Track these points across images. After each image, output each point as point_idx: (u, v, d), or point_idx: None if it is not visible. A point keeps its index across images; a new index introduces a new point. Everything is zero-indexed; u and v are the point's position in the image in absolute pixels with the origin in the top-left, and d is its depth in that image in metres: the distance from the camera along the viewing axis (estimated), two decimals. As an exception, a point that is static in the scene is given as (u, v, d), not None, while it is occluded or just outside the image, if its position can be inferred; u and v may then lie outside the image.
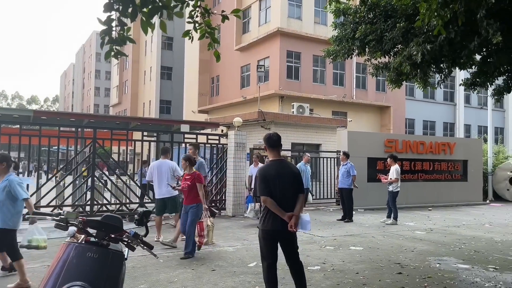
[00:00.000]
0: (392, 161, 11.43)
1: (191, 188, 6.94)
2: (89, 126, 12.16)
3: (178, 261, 6.63)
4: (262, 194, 4.17)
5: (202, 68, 31.38)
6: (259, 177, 4.27)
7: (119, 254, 2.81)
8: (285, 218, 4.09)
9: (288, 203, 4.17)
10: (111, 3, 2.53)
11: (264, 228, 4.22)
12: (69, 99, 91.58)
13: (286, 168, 4.31)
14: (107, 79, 68.19)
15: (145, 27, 2.60)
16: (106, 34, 2.65)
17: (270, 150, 4.41)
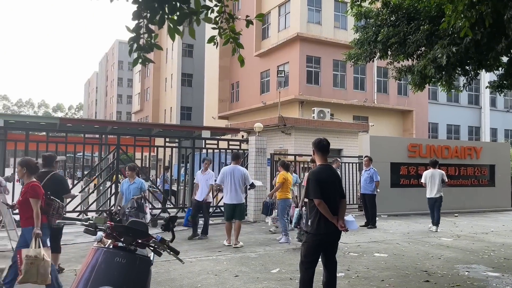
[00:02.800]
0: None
1: (23, 204, 4.81)
2: (113, 133, 12.37)
3: (201, 266, 6.64)
4: (316, 197, 4.26)
5: (222, 75, 31.61)
6: (312, 181, 4.36)
7: (146, 259, 2.83)
8: (333, 221, 4.23)
9: (334, 207, 4.32)
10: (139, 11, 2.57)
11: (319, 232, 4.27)
12: (93, 106, 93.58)
13: (333, 173, 4.50)
14: (129, 87, 69.41)
15: (172, 33, 2.63)
16: (134, 42, 2.69)
17: (319, 154, 4.51)
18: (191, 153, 12.61)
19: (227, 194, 8.40)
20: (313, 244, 4.34)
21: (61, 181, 6.14)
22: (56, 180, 6.01)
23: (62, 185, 6.10)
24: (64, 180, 6.39)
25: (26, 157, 6.24)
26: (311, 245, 4.35)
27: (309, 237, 4.37)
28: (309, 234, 4.39)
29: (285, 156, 14.32)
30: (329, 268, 4.43)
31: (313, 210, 4.34)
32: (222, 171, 8.67)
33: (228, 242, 8.31)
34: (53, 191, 5.91)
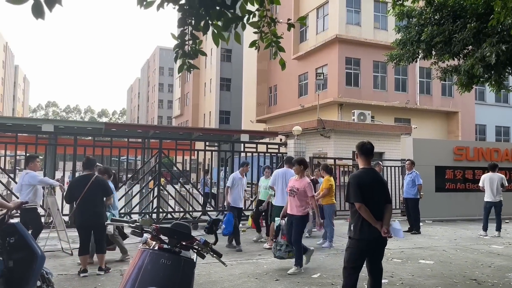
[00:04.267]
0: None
1: None
2: (155, 137, 12.71)
3: (241, 269, 6.67)
4: (357, 200, 4.16)
5: (260, 78, 31.75)
6: (353, 184, 4.27)
7: (190, 261, 2.87)
8: (377, 227, 4.10)
9: (378, 212, 4.19)
10: (184, 18, 2.63)
11: (362, 237, 4.16)
12: (135, 111, 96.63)
13: (377, 177, 4.39)
14: (169, 92, 71.15)
15: (217, 39, 2.67)
16: (180, 48, 2.75)
17: (362, 158, 4.41)
18: (230, 157, 12.72)
19: (278, 197, 8.39)
20: (356, 250, 4.23)
21: (104, 184, 6.36)
22: (100, 183, 6.22)
23: (105, 188, 6.31)
24: (106, 183, 6.62)
25: None
26: (353, 251, 4.24)
27: (352, 242, 4.27)
28: (351, 239, 4.29)
29: (324, 159, 14.16)
30: (374, 274, 4.31)
31: (355, 214, 4.24)
32: (274, 173, 8.68)
33: (270, 245, 8.29)
34: (97, 194, 6.13)
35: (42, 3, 1.96)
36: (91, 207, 6.06)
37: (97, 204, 6.14)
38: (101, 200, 6.23)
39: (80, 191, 6.05)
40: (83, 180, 6.16)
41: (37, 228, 7.08)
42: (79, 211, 6.12)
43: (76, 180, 6.50)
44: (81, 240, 6.14)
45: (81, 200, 6.04)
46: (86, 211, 6.05)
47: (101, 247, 6.18)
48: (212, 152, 13.27)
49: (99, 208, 6.13)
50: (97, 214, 6.10)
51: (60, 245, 7.88)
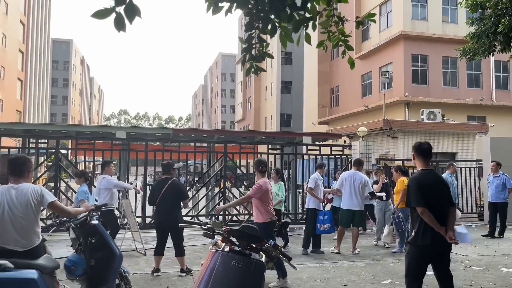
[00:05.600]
0: None
1: None
2: (220, 141, 13.02)
3: (308, 273, 6.59)
4: (418, 205, 3.94)
5: (321, 80, 31.37)
6: (413, 187, 4.06)
7: (260, 264, 2.88)
8: (441, 232, 3.87)
9: (441, 216, 3.95)
10: (251, 22, 2.66)
11: (424, 243, 3.94)
12: (200, 117, 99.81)
13: (438, 178, 4.15)
14: (232, 97, 72.64)
15: (285, 41, 2.67)
16: (247, 52, 2.79)
17: (419, 159, 4.18)
18: (293, 159, 12.67)
19: (345, 200, 8.21)
20: (416, 256, 3.99)
21: (180, 187, 6.57)
22: (176, 187, 6.43)
23: (181, 191, 6.53)
24: (183, 186, 6.85)
25: None
26: (414, 257, 4.01)
27: (412, 248, 4.04)
28: (412, 245, 4.05)
29: (391, 161, 13.63)
30: (442, 282, 4.05)
31: (417, 219, 4.00)
32: (342, 176, 8.52)
33: (337, 249, 8.11)
34: (173, 197, 6.36)
35: (124, 16, 2.09)
36: (167, 209, 6.27)
37: (172, 207, 6.32)
38: (177, 202, 6.41)
39: (158, 194, 6.31)
40: (162, 183, 6.43)
41: (114, 229, 7.52)
42: (157, 213, 6.41)
43: (156, 184, 6.80)
44: (158, 241, 6.42)
45: (158, 202, 6.31)
46: (163, 213, 6.30)
47: (180, 250, 6.36)
48: (275, 155, 13.31)
49: (174, 211, 6.32)
50: (172, 216, 6.26)
51: (135, 245, 8.30)
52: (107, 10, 2.09)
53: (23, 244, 3.61)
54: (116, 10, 2.08)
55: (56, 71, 67.11)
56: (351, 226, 8.24)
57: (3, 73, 37.87)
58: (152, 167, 11.85)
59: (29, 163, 3.92)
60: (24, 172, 3.84)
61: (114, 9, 2.09)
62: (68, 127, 16.52)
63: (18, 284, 3.35)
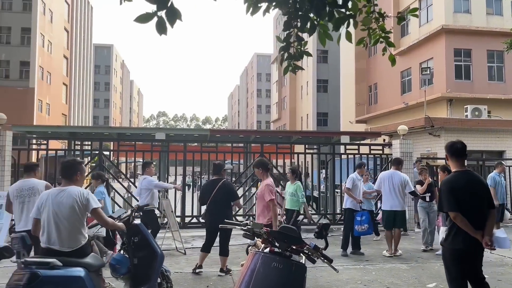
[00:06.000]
0: None
1: None
2: (256, 141, 13.04)
3: (348, 275, 6.48)
4: (451, 209, 3.73)
5: (359, 77, 30.77)
6: (445, 190, 3.85)
7: (301, 266, 2.85)
8: (477, 237, 3.65)
9: (478, 219, 3.71)
10: (289, 21, 2.64)
11: (454, 247, 3.77)
12: (236, 117, 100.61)
13: (475, 180, 3.86)
14: (267, 97, 72.73)
15: (323, 39, 2.63)
16: (285, 51, 2.77)
17: (453, 160, 3.95)
18: (331, 159, 12.50)
19: (386, 200, 8.00)
20: (449, 258, 3.81)
21: (230, 189, 6.63)
22: (227, 187, 6.48)
23: (232, 192, 6.58)
24: (234, 187, 6.90)
25: None
26: (447, 259, 3.83)
27: (445, 250, 3.87)
28: (443, 247, 3.88)
29: (434, 160, 13.17)
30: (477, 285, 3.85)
31: (451, 222, 3.82)
32: (380, 176, 8.32)
33: (390, 253, 7.89)
34: (224, 198, 6.41)
35: (165, 20, 2.12)
36: (217, 210, 6.33)
37: (223, 207, 6.38)
38: (227, 203, 6.47)
39: (209, 194, 6.39)
40: (212, 184, 6.51)
41: (155, 229, 7.70)
42: (208, 213, 6.49)
43: (206, 184, 6.91)
44: (206, 239, 6.54)
45: (209, 203, 6.40)
46: (213, 214, 6.37)
47: (224, 250, 6.44)
48: (312, 155, 13.18)
49: (225, 211, 6.35)
50: (223, 216, 6.26)
51: (175, 244, 8.47)
52: (149, 15, 2.13)
53: (69, 245, 3.73)
54: (158, 14, 2.12)
55: (98, 75, 69.65)
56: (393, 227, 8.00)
57: (49, 79, 39.74)
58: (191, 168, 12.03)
59: (78, 167, 4.00)
60: (73, 176, 3.94)
61: (156, 13, 2.13)
62: (110, 129, 17.09)
63: (66, 281, 3.48)
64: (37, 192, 5.74)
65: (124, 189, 12.18)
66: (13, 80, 35.80)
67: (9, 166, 9.13)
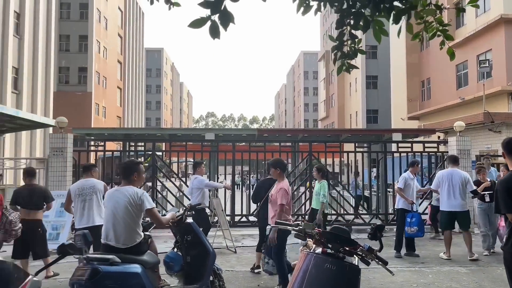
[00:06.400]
0: None
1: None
2: (304, 140, 12.94)
3: (403, 277, 6.26)
4: (508, 211, 3.49)
5: (410, 72, 29.66)
6: (501, 190, 3.59)
7: (355, 268, 2.79)
8: None
9: None
10: (342, 19, 2.58)
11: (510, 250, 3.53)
12: (283, 116, 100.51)
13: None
14: (314, 95, 72.01)
15: (378, 35, 2.54)
16: (338, 50, 2.72)
17: (510, 158, 3.70)
18: (382, 158, 12.15)
19: (444, 201, 7.65)
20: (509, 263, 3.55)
21: None
22: None
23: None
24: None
25: None
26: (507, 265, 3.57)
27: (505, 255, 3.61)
28: (504, 252, 3.62)
29: (494, 157, 12.43)
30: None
31: (510, 225, 3.55)
32: (438, 175, 7.96)
33: (447, 256, 7.54)
34: None
35: (219, 24, 2.15)
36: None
37: None
38: None
39: (263, 193, 6.41)
40: (267, 182, 6.55)
41: (206, 227, 7.85)
42: (261, 212, 6.51)
43: (261, 182, 6.97)
44: (260, 238, 6.58)
45: (263, 202, 6.40)
46: (267, 213, 6.39)
47: None
48: (363, 153, 12.89)
49: None
50: None
51: (225, 243, 8.60)
52: (203, 19, 2.16)
53: (124, 242, 3.91)
54: (212, 19, 2.15)
55: (150, 78, 72.22)
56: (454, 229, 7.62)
57: (105, 83, 41.77)
58: (239, 167, 12.17)
59: (136, 167, 4.17)
60: (130, 176, 4.11)
61: (210, 18, 2.16)
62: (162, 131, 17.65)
63: (124, 277, 3.65)
64: (97, 191, 6.07)
65: (176, 188, 12.55)
66: (72, 85, 37.99)
67: (70, 166, 9.67)
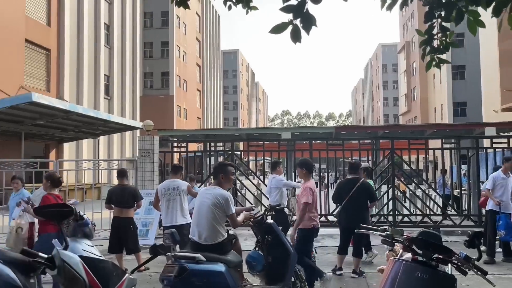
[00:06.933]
0: None
1: None
2: (385, 137, 12.41)
3: (502, 285, 5.70)
4: None
5: (504, 60, 27.02)
6: None
7: (450, 277, 2.58)
8: None
9: None
10: (431, 11, 2.40)
11: None
12: (360, 112, 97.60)
13: None
14: (394, 89, 68.89)
15: (474, 27, 2.32)
16: (427, 44, 2.53)
17: None
18: (474, 154, 11.21)
19: None
20: None
21: (369, 189, 6.47)
22: (366, 188, 6.34)
23: (371, 193, 6.42)
24: (371, 187, 6.71)
25: (51, 170, 7.00)
26: None
27: None
28: None
29: None
30: None
31: None
32: None
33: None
34: (362, 198, 6.25)
35: (300, 28, 2.11)
36: (354, 210, 6.20)
37: (361, 208, 6.24)
38: (365, 204, 6.31)
39: (346, 193, 6.30)
40: (349, 183, 6.42)
41: (285, 227, 7.85)
42: (344, 213, 6.39)
43: (343, 183, 6.84)
44: (341, 240, 6.46)
45: (346, 203, 6.29)
46: (350, 214, 6.25)
47: (358, 251, 6.32)
48: (451, 150, 12.04)
49: (362, 213, 6.22)
50: (359, 217, 6.10)
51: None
52: (284, 24, 2.14)
53: (206, 240, 4.11)
54: (293, 23, 2.12)
55: (226, 80, 74.41)
56: None
57: (185, 86, 43.84)
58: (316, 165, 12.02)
59: (222, 168, 4.42)
60: (217, 177, 4.42)
61: (292, 22, 2.13)
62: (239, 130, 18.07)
63: (209, 275, 3.78)
64: (181, 192, 6.38)
65: (254, 186, 12.76)
66: (156, 89, 40.45)
67: (157, 167, 10.26)
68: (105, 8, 28.49)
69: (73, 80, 24.68)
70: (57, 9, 23.30)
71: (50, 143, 22.36)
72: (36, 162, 10.44)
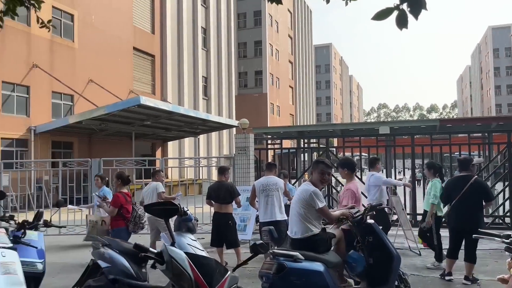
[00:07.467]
0: None
1: None
2: (500, 130, 11.14)
3: None
4: None
5: None
6: None
7: None
8: None
9: None
10: None
11: None
12: (467, 103, 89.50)
13: None
14: (508, 75, 61.86)
15: None
16: None
17: None
18: None
19: None
20: None
21: (485, 187, 5.94)
22: (480, 185, 5.81)
23: (486, 191, 5.86)
24: (487, 186, 6.14)
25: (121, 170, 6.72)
26: None
27: None
28: None
29: None
30: None
31: None
32: None
33: None
34: (476, 197, 5.72)
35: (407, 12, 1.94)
36: (466, 211, 5.70)
37: (475, 209, 5.71)
38: (479, 204, 5.76)
39: (457, 192, 5.80)
40: (460, 180, 5.90)
41: (386, 227, 7.47)
42: (454, 213, 5.89)
43: (452, 181, 6.27)
44: (451, 243, 5.95)
45: (456, 202, 5.78)
46: (461, 214, 5.75)
47: (471, 256, 5.70)
48: None
49: (476, 212, 5.69)
50: (473, 218, 5.65)
51: (407, 244, 8.03)
52: (388, 10, 1.98)
53: (296, 233, 4.22)
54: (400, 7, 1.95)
55: (319, 75, 73.49)
56: None
57: (278, 83, 44.31)
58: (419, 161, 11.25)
59: (313, 165, 4.53)
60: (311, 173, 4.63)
61: (398, 7, 1.96)
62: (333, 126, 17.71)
63: (307, 274, 3.72)
64: (279, 188, 6.43)
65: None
66: (250, 88, 41.53)
67: (253, 164, 10.48)
68: (202, 12, 29.98)
69: (174, 83, 26.44)
70: (159, 17, 25.13)
71: (156, 142, 24.26)
72: (145, 160, 11.36)
